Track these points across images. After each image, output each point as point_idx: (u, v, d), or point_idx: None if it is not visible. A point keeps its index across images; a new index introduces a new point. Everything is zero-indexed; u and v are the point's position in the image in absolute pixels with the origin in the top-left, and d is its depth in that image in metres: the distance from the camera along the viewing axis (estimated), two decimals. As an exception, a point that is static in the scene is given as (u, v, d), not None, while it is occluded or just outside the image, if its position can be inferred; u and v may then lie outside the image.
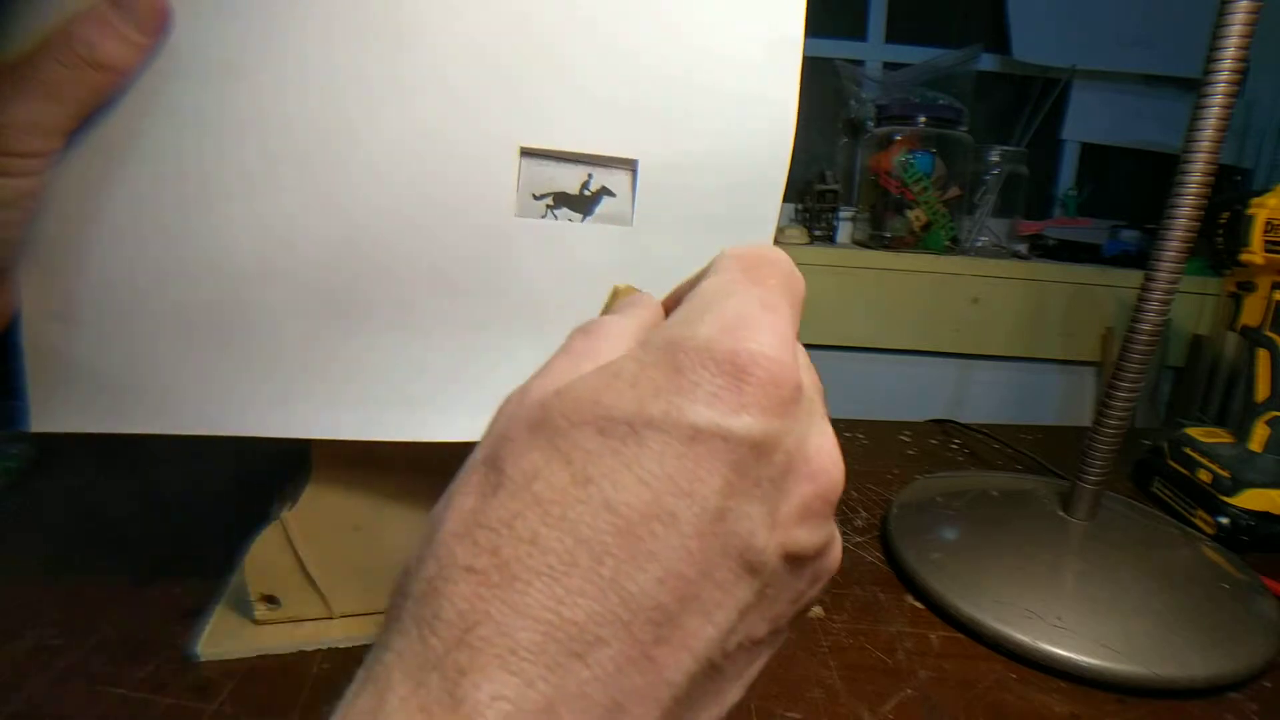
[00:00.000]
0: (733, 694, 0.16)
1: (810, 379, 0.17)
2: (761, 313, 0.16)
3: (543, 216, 0.29)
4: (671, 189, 0.29)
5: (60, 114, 0.22)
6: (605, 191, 0.30)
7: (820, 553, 0.16)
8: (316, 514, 0.32)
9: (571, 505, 0.14)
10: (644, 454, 0.14)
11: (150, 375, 0.27)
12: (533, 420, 0.15)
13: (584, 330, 0.18)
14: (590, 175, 0.29)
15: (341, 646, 0.33)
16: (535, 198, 0.29)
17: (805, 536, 0.15)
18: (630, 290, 0.22)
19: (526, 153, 0.28)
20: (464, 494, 0.15)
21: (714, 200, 0.30)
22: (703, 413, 0.14)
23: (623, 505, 0.13)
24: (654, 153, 0.29)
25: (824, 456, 0.16)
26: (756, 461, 0.14)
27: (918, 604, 0.39)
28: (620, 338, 0.17)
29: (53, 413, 0.26)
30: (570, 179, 0.29)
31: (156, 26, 0.23)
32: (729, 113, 0.29)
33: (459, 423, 0.30)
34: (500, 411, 0.16)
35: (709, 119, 0.29)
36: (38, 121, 0.22)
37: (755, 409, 0.14)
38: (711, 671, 0.15)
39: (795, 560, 0.15)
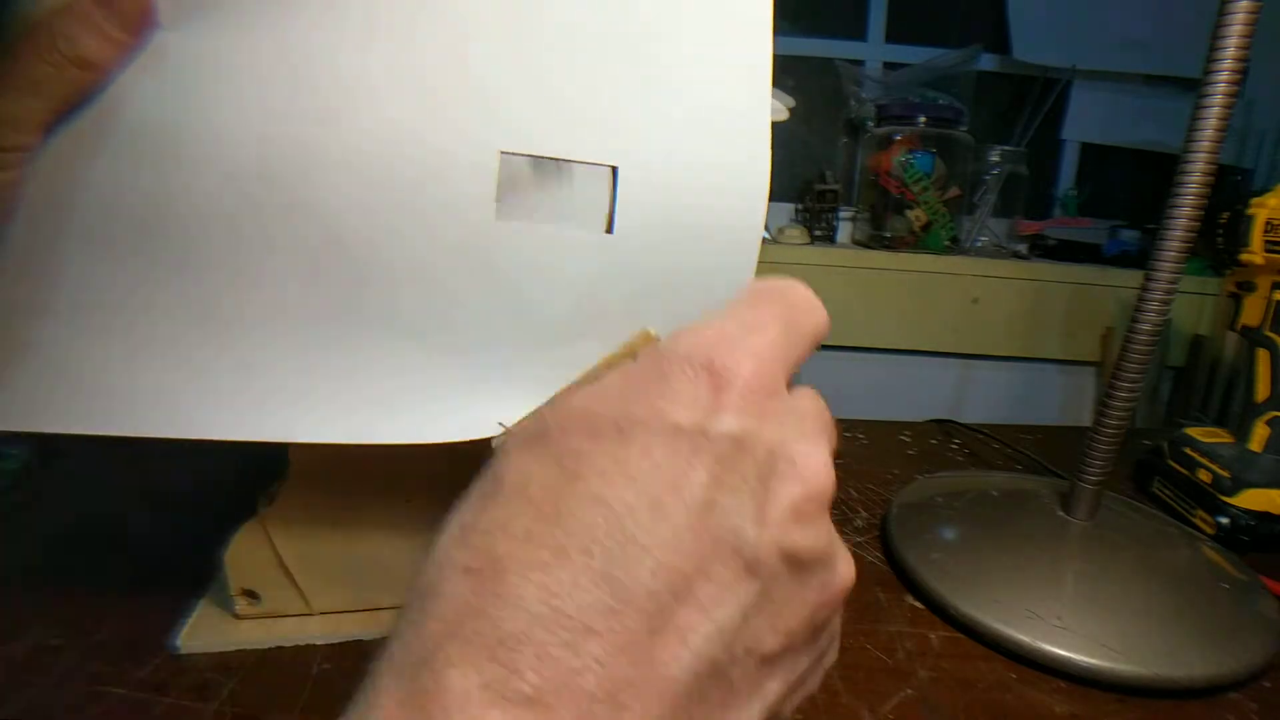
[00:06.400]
0: (750, 714, 0.15)
1: (807, 403, 0.18)
2: (742, 332, 0.17)
3: None
4: (651, 198, 0.29)
5: (41, 109, 0.22)
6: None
7: (821, 559, 0.16)
8: (293, 511, 0.32)
9: (563, 502, 0.14)
10: (631, 451, 0.15)
11: (124, 375, 0.26)
12: (528, 433, 0.16)
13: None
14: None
15: (318, 643, 0.33)
16: None
17: (799, 536, 0.15)
18: (650, 339, 0.22)
19: (505, 156, 0.28)
20: (464, 507, 0.15)
21: (696, 211, 0.30)
22: (684, 413, 0.15)
23: (612, 499, 0.14)
24: (632, 162, 0.29)
25: (812, 461, 0.16)
26: (738, 459, 0.15)
27: (918, 604, 0.39)
28: None
29: (20, 411, 0.25)
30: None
31: (140, 25, 0.23)
32: (706, 123, 0.29)
33: (443, 426, 0.29)
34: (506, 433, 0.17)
35: (686, 130, 0.29)
36: (18, 117, 0.22)
37: (733, 410, 0.15)
38: (716, 675, 0.14)
39: (795, 562, 0.15)
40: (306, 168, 0.26)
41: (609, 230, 0.29)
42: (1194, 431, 0.54)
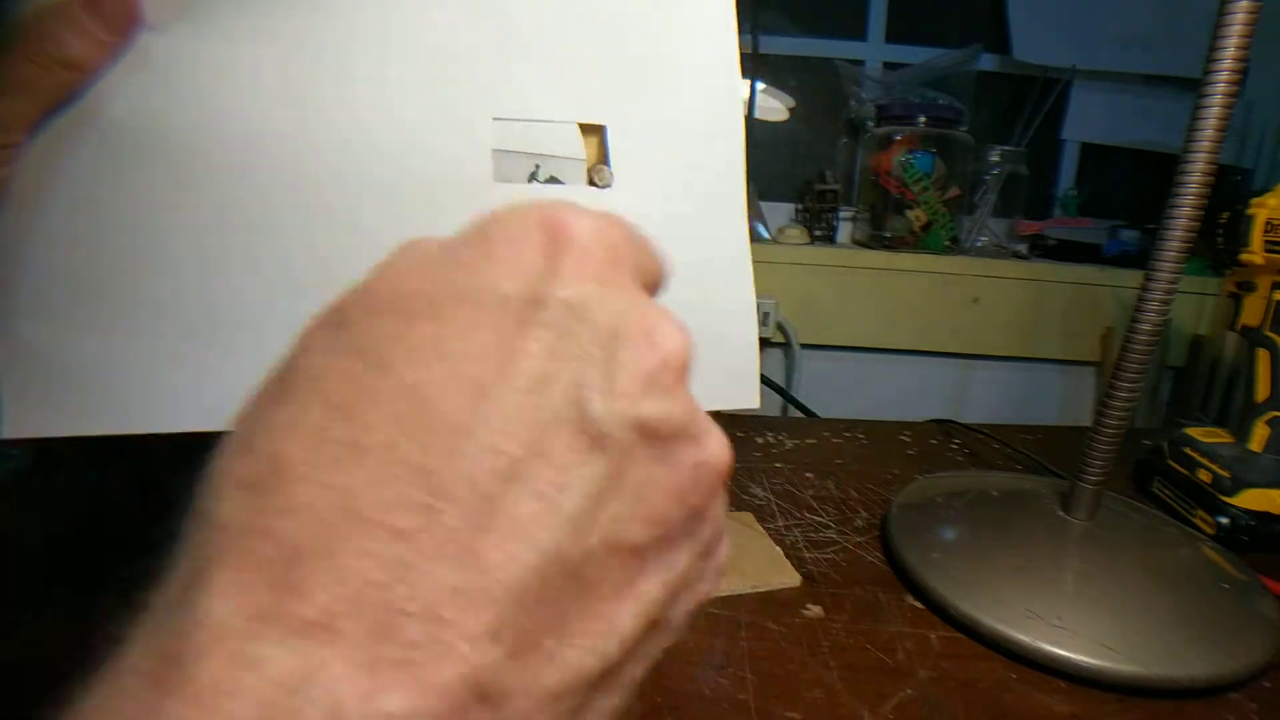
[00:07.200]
0: (621, 619, 0.13)
1: (647, 262, 0.16)
2: (583, 205, 0.15)
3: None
4: (640, 150, 0.31)
5: (29, 109, 0.23)
6: (554, 179, 0.30)
7: (683, 432, 0.14)
8: None
9: (364, 393, 0.12)
10: (447, 330, 0.13)
11: (121, 371, 0.26)
12: (326, 322, 0.14)
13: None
14: (538, 166, 0.30)
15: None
16: None
17: (654, 407, 0.13)
18: None
19: (499, 122, 0.29)
20: (244, 414, 0.13)
21: (682, 156, 0.32)
22: (512, 280, 0.13)
23: (424, 384, 0.12)
24: (619, 118, 0.31)
25: (665, 326, 0.14)
26: (578, 327, 0.13)
27: (918, 604, 0.39)
28: None
29: (26, 417, 0.25)
30: (519, 170, 0.30)
31: (127, 26, 0.23)
32: (681, 74, 0.32)
33: None
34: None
35: (664, 82, 0.31)
36: (6, 117, 0.22)
37: (571, 275, 0.13)
38: (567, 574, 0.12)
39: (651, 436, 0.13)
40: (293, 160, 0.26)
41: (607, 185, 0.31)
42: (1194, 431, 0.54)
